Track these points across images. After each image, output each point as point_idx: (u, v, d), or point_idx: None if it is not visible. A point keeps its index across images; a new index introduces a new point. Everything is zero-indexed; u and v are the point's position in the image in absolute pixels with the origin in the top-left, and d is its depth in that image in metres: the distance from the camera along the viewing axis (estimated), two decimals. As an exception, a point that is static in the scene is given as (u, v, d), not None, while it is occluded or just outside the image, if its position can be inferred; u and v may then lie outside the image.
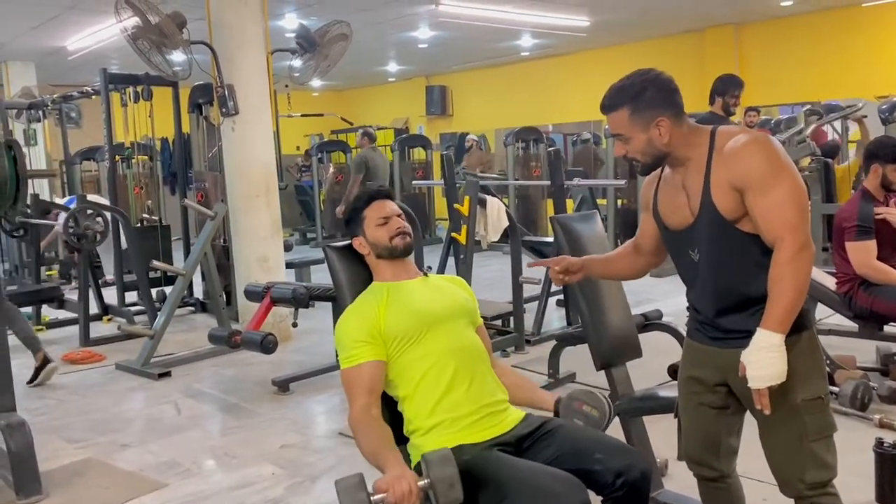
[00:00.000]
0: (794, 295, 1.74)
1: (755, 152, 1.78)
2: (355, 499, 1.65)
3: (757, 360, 1.74)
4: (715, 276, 1.89)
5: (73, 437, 3.90)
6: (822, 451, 1.87)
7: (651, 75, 1.86)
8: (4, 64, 10.40)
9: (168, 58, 5.20)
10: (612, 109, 1.87)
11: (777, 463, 1.92)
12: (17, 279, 8.12)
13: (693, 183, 1.87)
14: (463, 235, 5.36)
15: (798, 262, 1.74)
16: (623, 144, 1.90)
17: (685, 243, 1.94)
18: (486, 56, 11.97)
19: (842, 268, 3.83)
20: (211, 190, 6.61)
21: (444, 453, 1.72)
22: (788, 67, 9.56)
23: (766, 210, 1.76)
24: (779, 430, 1.87)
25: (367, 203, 2.21)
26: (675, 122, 1.85)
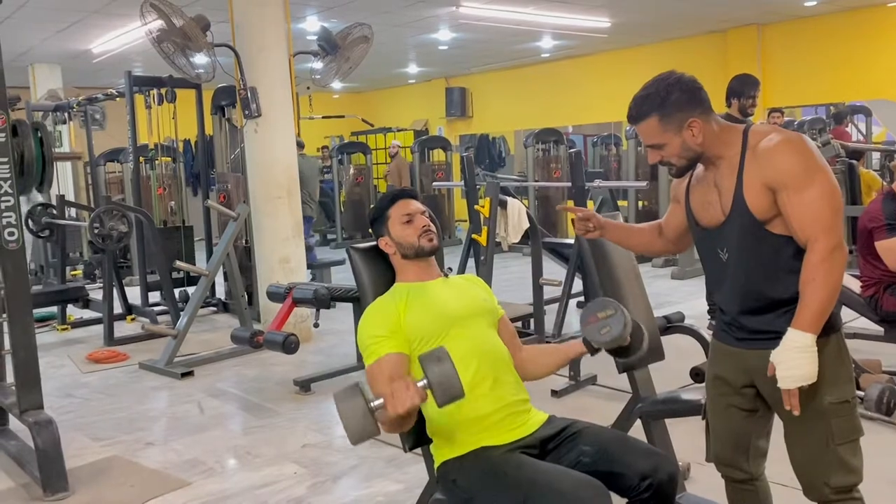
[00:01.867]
0: (826, 295, 1.73)
1: (790, 151, 1.76)
2: (353, 404, 1.60)
3: (788, 360, 1.73)
4: (743, 276, 1.87)
5: (98, 435, 3.95)
6: (849, 455, 1.85)
7: (672, 78, 1.85)
8: (31, 67, 10.54)
9: (192, 60, 5.26)
10: (641, 119, 1.86)
11: (802, 466, 1.90)
12: (42, 279, 8.25)
13: (725, 182, 1.85)
14: (483, 237, 5.36)
15: (831, 263, 1.72)
16: (657, 152, 1.89)
17: (714, 242, 1.92)
18: (507, 57, 11.96)
19: (867, 271, 3.79)
20: (233, 191, 6.66)
21: (439, 351, 1.69)
22: (812, 68, 9.46)
23: (799, 210, 1.74)
24: (805, 432, 1.85)
25: (391, 202, 2.21)
26: (705, 120, 1.84)
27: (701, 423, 2.22)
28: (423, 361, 1.67)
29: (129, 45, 8.90)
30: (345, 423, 1.61)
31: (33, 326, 3.37)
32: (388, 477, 3.26)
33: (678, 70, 1.89)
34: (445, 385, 1.64)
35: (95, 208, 6.37)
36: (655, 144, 1.87)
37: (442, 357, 1.67)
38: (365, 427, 1.60)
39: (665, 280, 7.45)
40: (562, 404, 4.04)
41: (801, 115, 10.21)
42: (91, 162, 9.21)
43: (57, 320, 6.55)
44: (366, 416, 1.60)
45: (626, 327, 2.02)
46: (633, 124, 1.89)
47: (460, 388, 1.65)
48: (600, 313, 2.05)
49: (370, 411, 1.61)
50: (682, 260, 7.62)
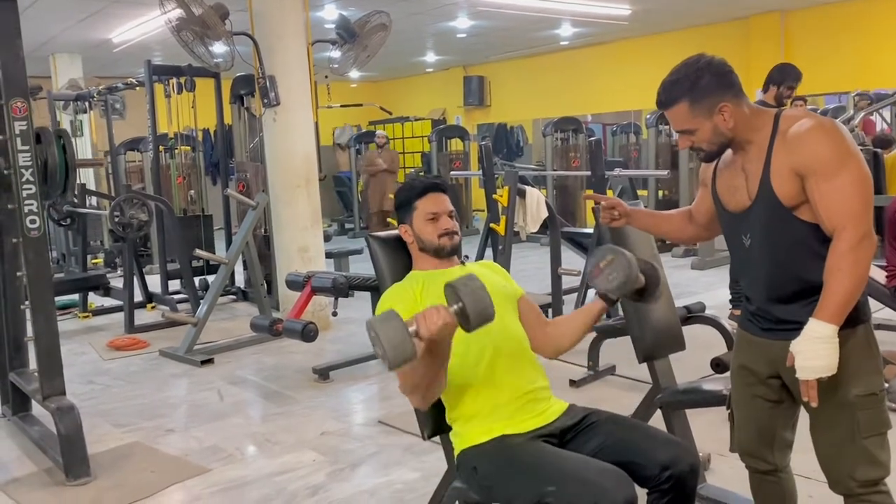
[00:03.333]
0: (851, 286, 1.68)
1: (821, 137, 1.72)
2: (392, 325, 1.56)
3: (807, 350, 1.69)
4: (768, 263, 1.83)
5: (119, 421, 3.99)
6: (876, 448, 1.81)
7: (703, 62, 1.80)
8: (52, 56, 10.62)
9: (210, 49, 5.27)
10: (671, 105, 1.82)
11: (827, 459, 1.87)
12: (64, 267, 8.34)
13: (753, 167, 1.82)
14: (501, 226, 5.35)
15: (858, 253, 1.67)
16: (688, 137, 1.85)
17: (739, 227, 1.89)
18: (525, 46, 11.88)
19: (893, 260, 3.73)
20: (252, 180, 6.69)
21: (467, 277, 1.64)
22: (835, 55, 9.31)
23: (827, 197, 1.70)
24: (831, 425, 1.82)
25: (420, 194, 2.16)
26: (737, 104, 1.79)
27: (722, 414, 2.19)
28: (455, 285, 1.64)
29: (148, 34, 8.94)
30: (384, 345, 1.56)
31: (55, 314, 3.41)
32: (407, 465, 3.26)
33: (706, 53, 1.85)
34: (477, 304, 1.61)
35: (116, 197, 6.41)
36: (686, 130, 1.83)
37: (471, 279, 1.64)
38: (404, 348, 1.56)
39: (685, 270, 7.40)
40: (581, 394, 4.03)
41: (825, 103, 10.07)
42: (111, 151, 9.28)
43: (78, 308, 6.62)
44: (405, 337, 1.56)
45: (631, 266, 1.98)
46: (663, 109, 1.86)
47: (492, 309, 1.62)
48: (601, 263, 2.02)
49: (408, 333, 1.58)
50: (703, 250, 7.55)
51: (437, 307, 1.63)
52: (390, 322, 1.57)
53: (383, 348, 1.56)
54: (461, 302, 1.62)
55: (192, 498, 3.08)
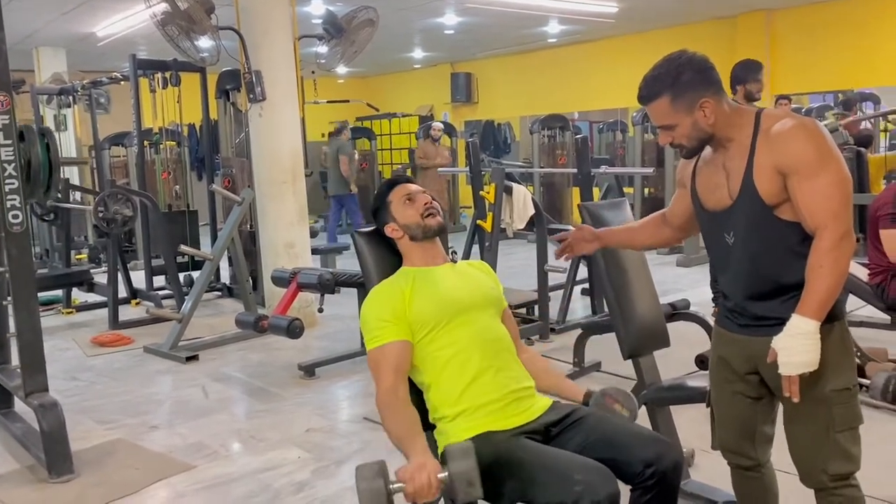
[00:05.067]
0: (832, 283, 1.72)
1: (804, 137, 1.74)
2: (373, 485, 1.65)
3: (791, 346, 1.72)
4: (749, 261, 1.85)
5: (103, 418, 3.96)
6: (848, 442, 1.84)
7: (684, 57, 1.81)
8: (36, 50, 10.51)
9: (196, 43, 5.24)
10: (652, 99, 1.82)
11: (801, 453, 1.89)
12: (47, 263, 8.27)
13: (735, 165, 1.83)
14: (488, 223, 5.35)
15: (839, 251, 1.71)
16: (668, 133, 1.85)
17: (721, 226, 1.90)
18: (513, 43, 11.89)
19: (875, 258, 3.77)
20: (238, 176, 6.65)
21: (465, 446, 1.71)
22: (820, 55, 9.38)
23: (809, 196, 1.72)
24: (805, 419, 1.84)
25: (388, 189, 2.22)
26: (717, 100, 1.81)
27: (705, 411, 2.21)
28: (449, 455, 1.70)
29: (133, 28, 8.87)
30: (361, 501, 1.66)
31: (38, 309, 3.38)
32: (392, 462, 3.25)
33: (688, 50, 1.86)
34: (465, 488, 1.67)
35: (100, 192, 6.36)
36: (666, 125, 1.84)
37: (468, 453, 1.69)
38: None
39: (671, 268, 7.43)
40: (566, 391, 4.04)
41: (809, 102, 10.15)
42: (96, 146, 9.20)
43: (62, 304, 6.57)
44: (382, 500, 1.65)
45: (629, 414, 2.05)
46: (644, 104, 1.86)
47: (480, 490, 1.68)
48: (618, 406, 2.06)
49: (388, 495, 1.66)
50: (688, 247, 7.60)
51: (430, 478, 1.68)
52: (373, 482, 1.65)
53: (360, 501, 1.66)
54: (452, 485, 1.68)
55: (176, 495, 3.07)
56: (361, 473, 1.67)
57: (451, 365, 2.01)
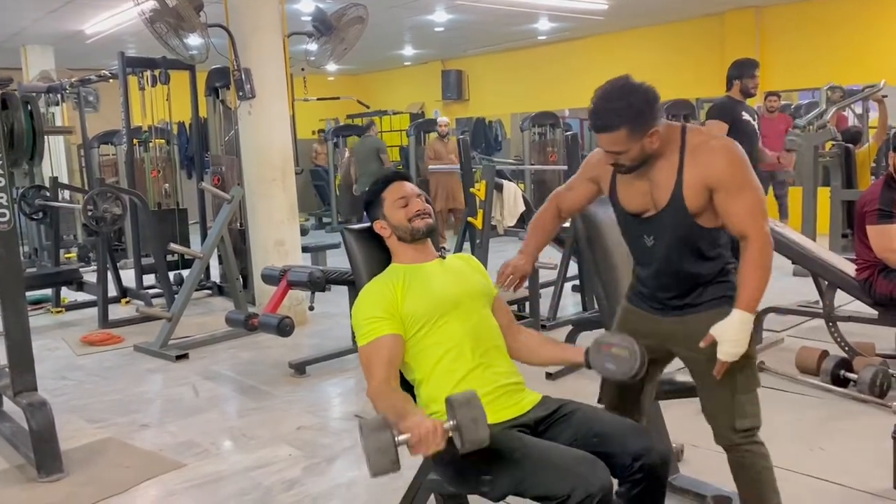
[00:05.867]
0: (764, 282, 2.00)
1: (731, 158, 2.00)
2: (379, 438, 1.63)
3: (733, 337, 1.97)
4: (666, 261, 2.10)
5: (93, 417, 3.95)
6: (750, 402, 2.13)
7: (641, 92, 1.94)
8: (23, 48, 10.45)
9: (185, 41, 5.21)
10: (611, 131, 1.95)
11: (713, 414, 2.15)
12: (36, 261, 8.22)
13: (662, 176, 2.03)
14: (479, 220, 5.36)
15: (766, 255, 1.99)
16: (615, 156, 2.01)
17: (641, 229, 2.12)
18: (503, 40, 11.89)
19: (862, 254, 3.79)
20: (228, 173, 6.63)
21: (469, 394, 1.72)
22: (809, 51, 9.42)
23: (737, 208, 1.98)
24: (716, 385, 2.08)
25: (384, 185, 2.20)
26: (661, 126, 1.98)
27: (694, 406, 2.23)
28: (454, 404, 1.71)
29: (122, 25, 8.82)
30: (368, 457, 1.64)
31: (26, 308, 3.36)
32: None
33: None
34: (472, 430, 1.68)
35: (89, 190, 6.33)
36: (618, 151, 1.99)
37: (472, 401, 1.70)
38: (388, 463, 1.64)
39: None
40: (556, 386, 4.05)
41: (798, 98, 10.19)
42: (84, 144, 9.15)
43: (51, 303, 6.54)
44: (390, 452, 1.64)
45: (633, 372, 2.00)
46: (600, 133, 1.98)
47: (487, 433, 1.69)
48: (615, 349, 2.04)
49: (395, 446, 1.64)
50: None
51: (435, 427, 1.68)
52: (379, 434, 1.64)
53: (368, 458, 1.64)
54: (459, 429, 1.69)
55: (166, 493, 3.06)
56: (366, 425, 1.65)
57: (443, 360, 2.02)
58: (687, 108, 8.41)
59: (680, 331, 2.11)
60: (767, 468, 2.15)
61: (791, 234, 4.37)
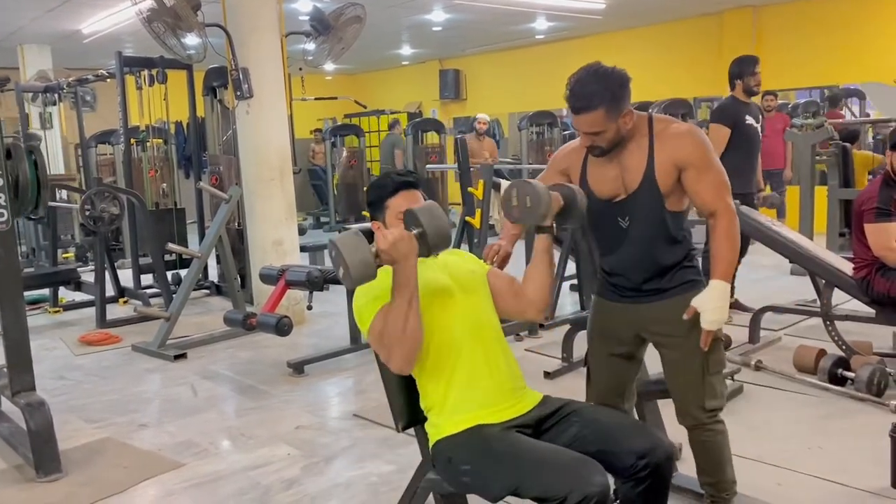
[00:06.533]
0: (734, 252, 2.18)
1: (697, 139, 2.16)
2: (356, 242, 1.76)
3: (714, 307, 2.12)
4: (639, 243, 2.21)
5: (91, 417, 3.95)
6: (718, 383, 2.26)
7: (614, 75, 2.10)
8: (20, 47, 10.43)
9: (183, 41, 5.21)
10: (589, 111, 2.08)
11: (681, 393, 2.28)
12: (34, 261, 8.21)
13: (633, 160, 2.17)
14: (477, 220, 5.36)
15: (734, 227, 2.16)
16: (592, 137, 2.13)
17: (615, 213, 2.22)
18: (501, 39, 11.89)
19: (860, 253, 3.80)
20: (225, 173, 6.63)
21: (429, 203, 1.91)
22: (807, 51, 9.43)
23: (705, 186, 2.15)
24: (687, 365, 2.23)
25: (392, 192, 2.06)
26: (631, 109, 2.14)
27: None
28: (413, 210, 1.86)
29: (119, 25, 8.81)
30: (346, 260, 1.74)
31: (24, 307, 3.36)
32: (381, 458, 3.27)
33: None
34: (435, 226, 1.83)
35: (87, 190, 6.32)
36: (596, 132, 2.11)
37: (432, 206, 1.86)
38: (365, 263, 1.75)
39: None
40: (555, 385, 4.06)
41: (796, 97, 10.20)
42: (82, 144, 9.13)
43: (49, 303, 6.53)
44: (365, 253, 1.75)
45: (537, 187, 2.03)
46: (578, 115, 2.11)
47: (449, 231, 1.83)
48: (513, 201, 2.08)
49: (369, 248, 1.76)
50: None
51: (400, 231, 1.83)
52: (351, 239, 1.76)
53: (346, 265, 1.74)
54: (421, 226, 1.83)
55: (165, 493, 3.06)
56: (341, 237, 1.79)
57: (441, 353, 2.01)
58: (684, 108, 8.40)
59: (654, 314, 2.23)
60: (727, 444, 2.31)
61: (788, 234, 4.38)
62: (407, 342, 1.89)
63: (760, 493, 2.62)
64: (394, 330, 1.88)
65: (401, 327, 1.87)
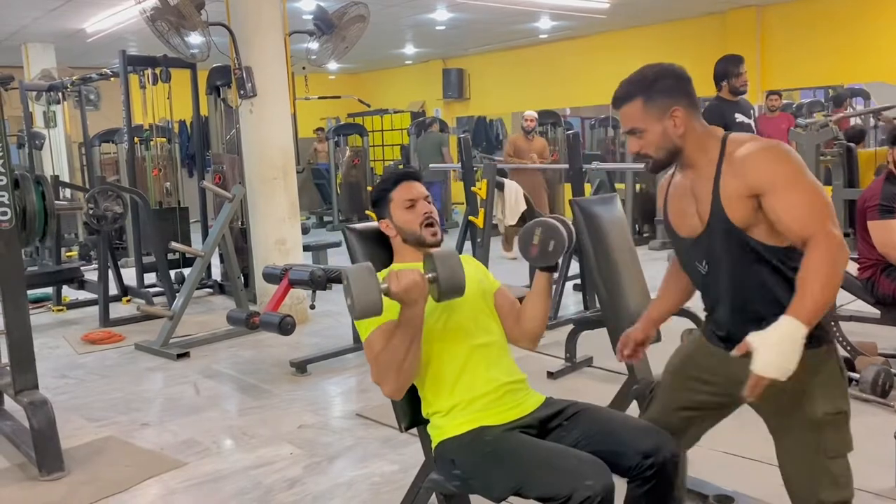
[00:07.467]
0: (829, 290, 1.63)
1: (772, 156, 1.71)
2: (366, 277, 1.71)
3: (773, 345, 1.59)
4: (731, 286, 1.81)
5: (93, 415, 3.95)
6: (840, 468, 1.79)
7: (664, 65, 1.82)
8: (24, 46, 10.44)
9: (186, 39, 5.21)
10: (625, 101, 1.81)
11: (793, 479, 1.84)
12: (37, 260, 8.22)
13: (703, 190, 1.79)
14: (480, 219, 5.35)
15: (836, 258, 1.62)
16: (637, 139, 1.82)
17: (693, 254, 1.87)
18: (504, 38, 11.87)
19: (864, 253, 3.78)
20: (229, 172, 6.62)
21: (449, 250, 1.85)
22: (811, 50, 9.40)
23: (792, 209, 1.66)
24: (797, 444, 1.80)
25: (394, 185, 2.17)
26: (690, 113, 1.78)
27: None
28: (431, 255, 1.80)
29: (123, 24, 8.81)
30: (354, 294, 1.71)
31: (27, 306, 3.36)
32: (384, 457, 3.26)
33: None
34: (450, 276, 1.77)
35: (90, 189, 6.32)
36: (636, 129, 1.81)
37: (451, 253, 1.79)
38: (372, 300, 1.72)
39: (661, 263, 7.42)
40: (558, 386, 4.05)
41: (800, 97, 10.18)
42: (86, 142, 9.14)
43: (52, 301, 6.53)
44: (374, 290, 1.72)
45: (561, 230, 2.00)
46: (617, 107, 1.84)
47: (464, 283, 1.77)
48: (534, 240, 2.05)
49: (379, 288, 1.73)
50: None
51: (412, 270, 1.77)
52: (363, 274, 1.72)
53: (353, 297, 1.71)
54: (436, 271, 1.77)
55: (167, 492, 3.06)
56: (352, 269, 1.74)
57: (443, 357, 2.01)
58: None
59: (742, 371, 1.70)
60: None
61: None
62: (402, 376, 1.91)
63: (763, 494, 2.61)
64: (391, 361, 1.89)
65: (399, 361, 1.88)
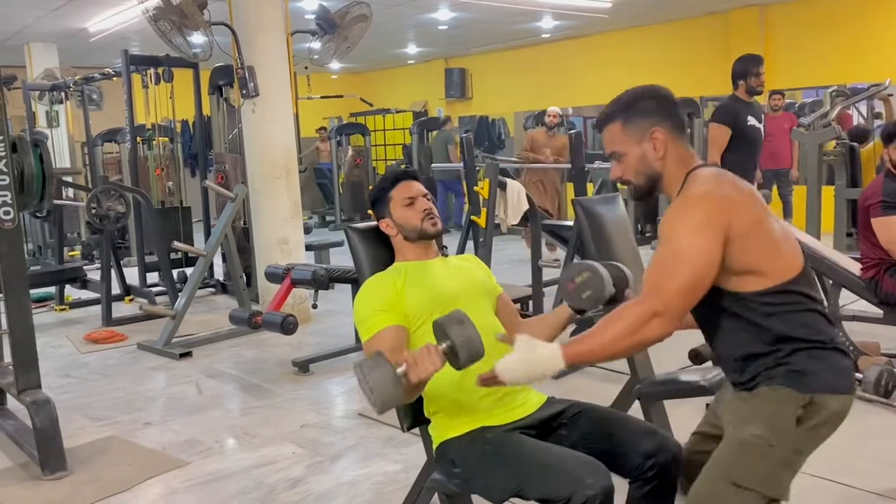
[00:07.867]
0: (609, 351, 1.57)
1: (677, 209, 1.62)
2: (382, 371, 1.60)
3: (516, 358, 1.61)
4: (708, 336, 1.75)
5: (96, 415, 3.95)
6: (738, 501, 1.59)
7: (647, 86, 1.75)
8: (27, 46, 10.45)
9: (188, 39, 5.21)
10: (606, 123, 1.74)
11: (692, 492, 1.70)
12: (40, 259, 8.23)
13: None
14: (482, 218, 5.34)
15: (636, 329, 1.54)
16: (618, 164, 1.73)
17: None
18: (506, 38, 11.87)
19: (867, 252, 3.77)
20: (231, 172, 6.63)
21: (458, 314, 1.67)
22: (815, 50, 9.39)
23: (653, 261, 1.60)
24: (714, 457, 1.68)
25: (392, 184, 2.20)
26: (672, 136, 1.69)
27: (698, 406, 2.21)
28: (444, 324, 1.67)
29: (125, 23, 8.82)
30: (374, 391, 1.61)
31: (30, 305, 3.36)
32: (386, 457, 3.26)
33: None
34: (468, 346, 1.64)
35: (93, 188, 6.33)
36: (615, 153, 1.73)
37: (462, 319, 1.67)
38: (394, 394, 1.61)
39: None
40: (559, 385, 4.03)
41: (803, 97, 10.16)
42: (88, 142, 9.15)
43: (55, 301, 6.54)
44: (395, 383, 1.61)
45: (605, 284, 1.95)
46: (599, 130, 1.78)
47: (482, 347, 1.65)
48: (577, 278, 1.99)
49: (397, 378, 1.62)
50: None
51: (428, 349, 1.66)
52: (380, 369, 1.61)
53: (371, 393, 1.62)
54: (451, 341, 1.65)
55: (170, 491, 3.06)
56: (364, 362, 1.64)
57: None
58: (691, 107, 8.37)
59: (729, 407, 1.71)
60: None
61: (795, 233, 4.35)
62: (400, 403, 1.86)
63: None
64: None
65: None
